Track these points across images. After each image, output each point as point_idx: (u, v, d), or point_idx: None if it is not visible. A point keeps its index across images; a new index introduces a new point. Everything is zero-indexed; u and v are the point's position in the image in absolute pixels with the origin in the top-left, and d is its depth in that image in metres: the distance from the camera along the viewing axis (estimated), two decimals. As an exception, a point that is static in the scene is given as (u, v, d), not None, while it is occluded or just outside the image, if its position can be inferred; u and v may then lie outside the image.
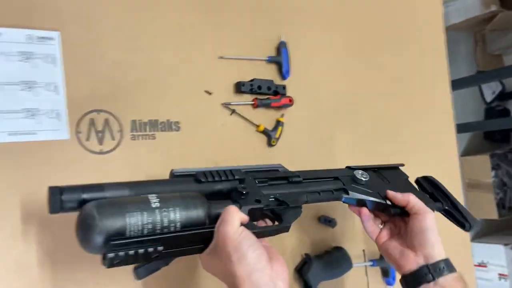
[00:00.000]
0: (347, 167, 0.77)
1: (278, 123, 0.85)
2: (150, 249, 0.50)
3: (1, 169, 0.60)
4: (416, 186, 0.80)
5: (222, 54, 0.80)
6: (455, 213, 0.76)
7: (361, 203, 0.73)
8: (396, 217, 0.73)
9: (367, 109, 0.99)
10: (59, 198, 0.52)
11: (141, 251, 0.49)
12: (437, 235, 0.67)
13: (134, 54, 0.72)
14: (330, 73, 0.95)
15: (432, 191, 0.78)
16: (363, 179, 0.73)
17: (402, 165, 0.83)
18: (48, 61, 0.64)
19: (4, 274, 0.58)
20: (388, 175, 0.78)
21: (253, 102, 0.82)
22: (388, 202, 0.72)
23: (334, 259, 0.85)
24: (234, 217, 0.53)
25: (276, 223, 0.63)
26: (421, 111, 1.08)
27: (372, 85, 1.01)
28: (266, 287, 0.50)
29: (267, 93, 0.84)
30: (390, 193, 0.71)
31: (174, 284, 0.71)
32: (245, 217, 0.55)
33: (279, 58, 0.85)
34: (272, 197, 0.63)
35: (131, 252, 0.49)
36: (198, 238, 0.55)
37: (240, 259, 0.51)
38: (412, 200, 0.69)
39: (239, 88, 0.80)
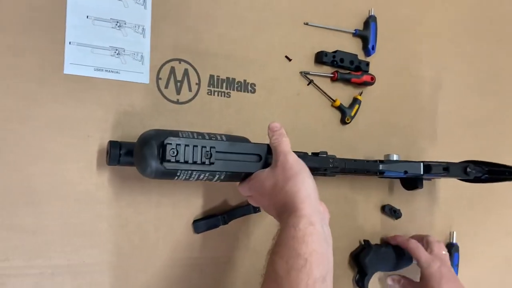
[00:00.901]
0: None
1: (355, 101, 0.81)
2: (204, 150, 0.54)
3: (83, 103, 0.61)
4: None
5: (308, 20, 0.77)
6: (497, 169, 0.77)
7: None
8: None
9: (452, 100, 0.93)
10: (117, 153, 0.53)
11: (195, 149, 0.53)
12: None
13: (219, 10, 0.71)
14: (418, 56, 0.89)
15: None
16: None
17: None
18: (139, 2, 0.64)
19: (72, 204, 0.60)
20: None
21: (332, 75, 0.78)
22: None
23: (395, 251, 0.80)
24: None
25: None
26: None
27: (461, 76, 0.94)
28: (319, 214, 0.53)
29: (348, 68, 0.80)
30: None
31: (229, 241, 0.70)
32: None
33: (367, 32, 0.81)
34: None
35: (186, 149, 0.53)
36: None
37: (304, 181, 0.54)
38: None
39: (321, 58, 0.77)
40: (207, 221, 0.68)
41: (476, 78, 0.97)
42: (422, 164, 0.74)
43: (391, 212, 0.84)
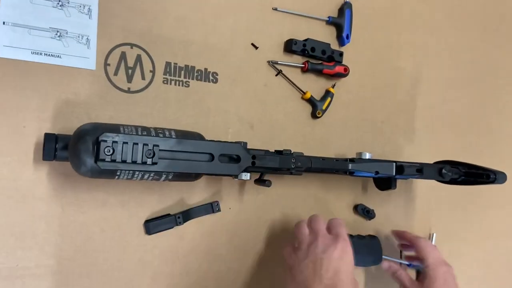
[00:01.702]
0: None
1: (328, 94, 0.75)
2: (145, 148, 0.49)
3: (18, 89, 0.55)
4: None
5: (277, 5, 0.71)
6: (475, 172, 0.72)
7: None
8: None
9: (431, 95, 0.88)
10: (53, 147, 0.48)
11: (135, 147, 0.48)
12: None
13: (180, -9, 0.65)
14: (395, 47, 0.84)
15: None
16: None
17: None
18: (85, -21, 0.58)
19: (4, 201, 0.54)
20: None
21: (303, 65, 0.73)
22: None
23: (364, 245, 0.74)
24: None
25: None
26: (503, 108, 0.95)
27: (442, 69, 0.89)
28: None
29: (320, 58, 0.74)
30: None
31: (184, 243, 0.65)
32: None
33: (341, 20, 0.75)
34: None
35: (125, 147, 0.47)
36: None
37: None
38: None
39: (290, 46, 0.71)
40: (160, 221, 0.62)
41: (457, 71, 0.92)
42: (394, 164, 0.69)
43: (364, 212, 0.79)
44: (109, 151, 0.46)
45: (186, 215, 0.64)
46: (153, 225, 0.62)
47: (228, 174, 0.55)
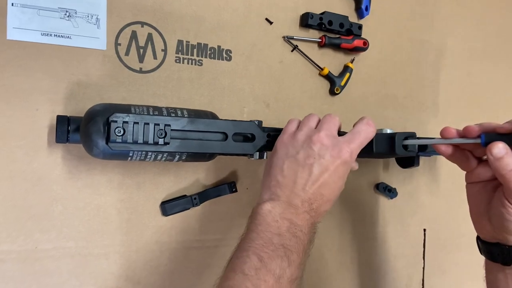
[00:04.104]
0: None
1: (346, 69, 0.72)
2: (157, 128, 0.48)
3: (29, 72, 0.54)
4: None
5: (292, -23, 0.68)
6: None
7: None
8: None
9: (457, 68, 0.84)
10: (65, 129, 0.47)
11: (146, 127, 0.47)
12: None
13: (191, -35, 0.62)
14: (417, 18, 0.80)
15: None
16: None
17: None
18: (92, -44, 0.56)
19: (20, 184, 0.54)
20: None
21: (320, 40, 0.70)
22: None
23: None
24: None
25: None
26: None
27: (468, 41, 0.85)
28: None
29: (338, 31, 0.71)
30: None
31: (201, 224, 0.64)
32: None
33: (359, -9, 0.72)
34: None
35: (135, 127, 0.46)
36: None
37: None
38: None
39: (306, 20, 0.68)
40: (177, 203, 0.62)
41: (484, 43, 0.87)
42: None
43: (386, 191, 0.77)
44: (120, 131, 0.45)
45: (203, 196, 0.63)
46: (169, 206, 0.61)
47: (243, 154, 0.54)
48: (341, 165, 0.50)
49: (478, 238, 0.55)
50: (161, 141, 0.47)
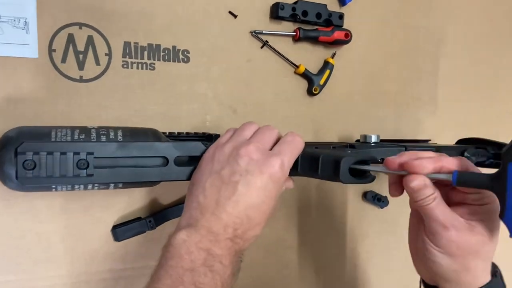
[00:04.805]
0: None
1: (326, 65, 0.63)
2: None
3: None
4: None
5: (258, -38, 0.59)
6: None
7: None
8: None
9: (457, 58, 0.74)
10: None
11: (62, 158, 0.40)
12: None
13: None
14: (411, 2, 0.70)
15: None
16: None
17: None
18: (11, -51, 0.48)
19: None
20: None
21: (294, 33, 0.61)
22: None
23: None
24: None
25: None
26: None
27: (470, 27, 0.74)
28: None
29: (315, 23, 0.62)
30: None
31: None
32: None
33: (338, -26, 0.62)
34: None
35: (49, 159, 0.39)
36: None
37: None
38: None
39: (277, 11, 0.59)
40: (130, 226, 0.55)
41: (490, 26, 0.77)
42: (405, 149, 0.58)
43: (375, 200, 0.69)
44: (30, 165, 0.38)
45: (160, 217, 0.56)
46: (121, 231, 0.55)
47: (188, 179, 0.47)
48: (271, 182, 0.42)
49: (421, 279, 0.48)
50: (82, 173, 0.40)
